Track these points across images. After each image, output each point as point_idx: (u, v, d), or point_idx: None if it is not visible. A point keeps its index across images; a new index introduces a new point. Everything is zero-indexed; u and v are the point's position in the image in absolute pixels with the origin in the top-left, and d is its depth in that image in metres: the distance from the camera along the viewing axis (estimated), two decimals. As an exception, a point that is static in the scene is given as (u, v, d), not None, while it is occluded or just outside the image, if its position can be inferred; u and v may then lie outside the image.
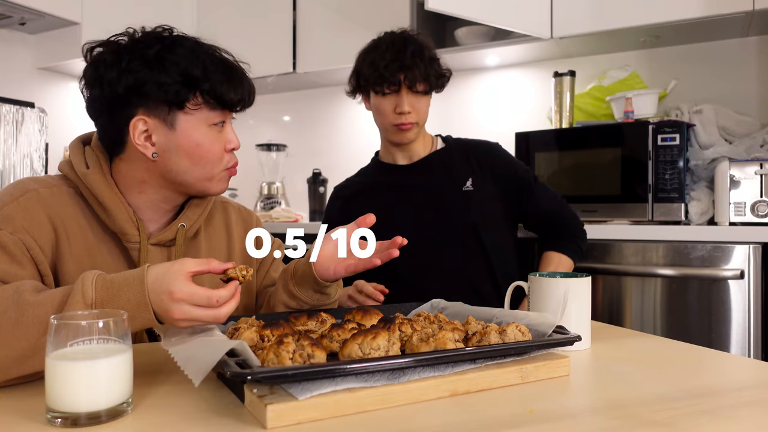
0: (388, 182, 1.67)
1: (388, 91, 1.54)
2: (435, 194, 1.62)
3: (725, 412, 0.66)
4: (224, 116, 1.02)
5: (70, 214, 0.98)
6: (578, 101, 2.59)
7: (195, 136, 0.98)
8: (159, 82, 0.94)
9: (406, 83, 1.53)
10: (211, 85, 0.97)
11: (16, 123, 2.64)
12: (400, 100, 1.55)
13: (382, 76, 1.52)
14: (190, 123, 0.98)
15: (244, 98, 1.03)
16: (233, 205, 1.24)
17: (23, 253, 0.89)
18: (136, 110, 0.96)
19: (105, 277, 0.78)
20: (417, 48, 1.54)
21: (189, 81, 0.95)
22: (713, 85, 2.47)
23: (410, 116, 1.56)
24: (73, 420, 0.61)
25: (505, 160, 1.70)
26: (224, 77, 0.99)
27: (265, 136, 3.50)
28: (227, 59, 1.04)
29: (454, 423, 0.62)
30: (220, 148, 1.02)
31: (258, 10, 3.13)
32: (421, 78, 1.53)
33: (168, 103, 0.95)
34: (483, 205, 1.61)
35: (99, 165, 1.00)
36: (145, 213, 1.04)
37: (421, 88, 1.55)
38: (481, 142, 1.73)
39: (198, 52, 0.98)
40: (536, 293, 0.97)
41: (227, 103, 1.00)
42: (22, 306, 0.74)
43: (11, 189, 0.96)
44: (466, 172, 1.64)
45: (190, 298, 0.75)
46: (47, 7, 2.59)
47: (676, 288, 1.92)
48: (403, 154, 1.68)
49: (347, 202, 1.70)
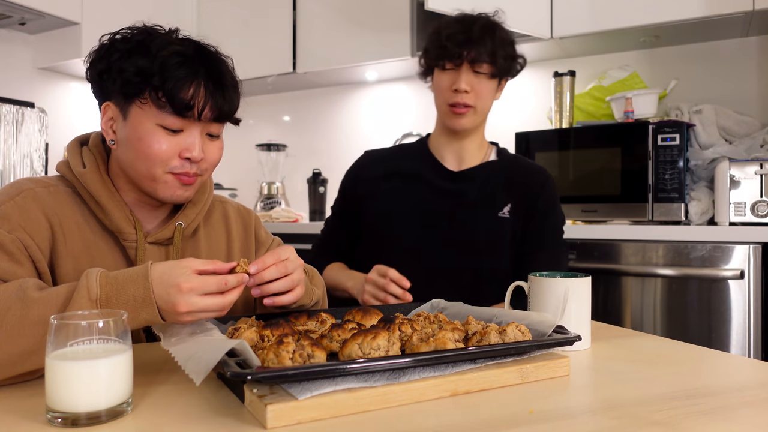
0: (426, 180, 1.50)
1: (448, 66, 1.40)
2: (469, 211, 1.46)
3: (725, 412, 0.66)
4: (181, 124, 0.96)
5: (68, 213, 0.98)
6: (578, 101, 2.59)
7: (139, 130, 0.96)
8: (120, 70, 0.94)
9: (468, 59, 1.37)
10: (161, 82, 0.93)
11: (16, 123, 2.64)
12: (458, 76, 1.39)
13: (444, 47, 1.38)
14: (139, 117, 0.96)
15: (201, 105, 0.96)
16: (231, 204, 1.24)
17: (21, 252, 0.89)
18: (108, 97, 0.99)
19: (109, 274, 0.79)
20: (487, 24, 1.40)
21: (142, 74, 0.93)
22: (713, 85, 2.47)
23: (467, 97, 1.40)
24: (73, 420, 0.61)
25: (549, 200, 1.49)
26: (179, 77, 0.94)
27: (265, 136, 3.50)
28: (211, 65, 0.98)
29: (454, 423, 0.62)
30: (170, 150, 0.96)
31: (258, 10, 3.14)
32: (487, 56, 1.37)
33: (123, 93, 0.96)
34: (509, 234, 1.45)
35: (96, 164, 1.01)
36: (140, 211, 1.04)
37: (484, 69, 1.39)
38: (534, 170, 1.54)
39: (166, 49, 0.95)
40: (536, 293, 0.97)
41: (176, 104, 0.94)
42: (26, 303, 0.75)
43: (8, 188, 0.97)
44: (509, 196, 1.47)
45: (201, 286, 0.77)
46: (47, 7, 2.59)
47: (676, 288, 1.92)
48: (453, 153, 1.51)
49: (375, 180, 1.53)
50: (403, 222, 1.46)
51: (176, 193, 1.00)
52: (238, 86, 1.04)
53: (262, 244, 1.23)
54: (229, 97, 1.00)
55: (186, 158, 0.98)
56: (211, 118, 0.99)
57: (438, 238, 1.44)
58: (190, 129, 0.98)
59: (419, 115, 3.15)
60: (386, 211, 1.48)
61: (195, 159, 0.98)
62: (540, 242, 1.46)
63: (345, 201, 1.57)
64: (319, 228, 1.66)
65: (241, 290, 0.82)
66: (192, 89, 0.95)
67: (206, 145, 1.01)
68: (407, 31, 2.76)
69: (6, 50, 2.83)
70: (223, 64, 1.02)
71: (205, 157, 1.00)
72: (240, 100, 1.04)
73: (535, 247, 1.45)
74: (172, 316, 0.78)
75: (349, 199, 1.56)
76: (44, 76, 2.98)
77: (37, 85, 2.95)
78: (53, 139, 2.92)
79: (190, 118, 0.96)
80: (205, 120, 0.98)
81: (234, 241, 1.18)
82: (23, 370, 0.74)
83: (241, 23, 3.18)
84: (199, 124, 0.98)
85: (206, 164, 1.02)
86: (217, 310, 0.79)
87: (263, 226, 1.28)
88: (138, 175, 0.99)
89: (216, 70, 0.99)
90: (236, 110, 1.04)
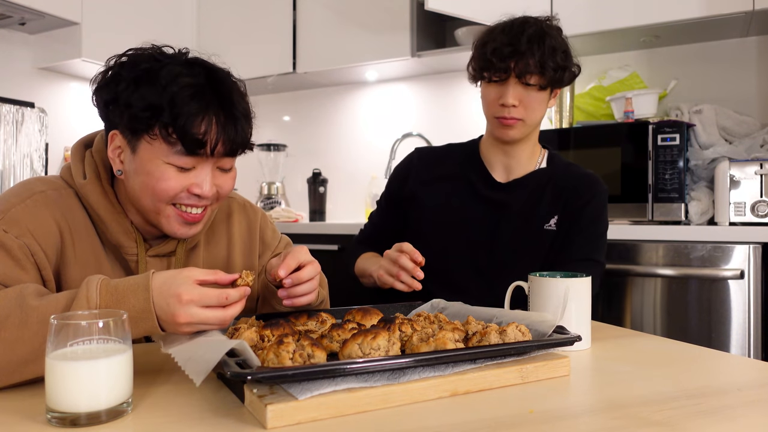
0: (473, 188, 1.44)
1: (495, 79, 1.33)
2: (513, 224, 1.39)
3: (725, 412, 0.66)
4: (193, 162, 0.92)
5: (78, 219, 0.96)
6: (578, 101, 2.59)
7: (148, 167, 0.91)
8: (127, 104, 0.90)
9: (516, 72, 1.30)
10: (172, 118, 0.88)
11: (16, 123, 2.64)
12: (505, 90, 1.32)
13: (490, 61, 1.31)
14: (147, 153, 0.91)
15: (213, 142, 0.91)
16: (238, 200, 1.20)
17: (27, 258, 0.88)
18: (115, 126, 0.94)
19: (110, 283, 0.77)
20: (537, 33, 1.30)
21: (151, 109, 0.89)
22: (713, 85, 2.47)
23: (515, 111, 1.33)
24: (73, 420, 0.61)
25: (597, 210, 1.41)
26: (191, 113, 0.88)
27: (265, 136, 3.50)
28: (223, 94, 0.93)
29: (454, 423, 0.62)
30: (177, 187, 0.92)
31: (258, 10, 3.14)
32: (536, 68, 1.29)
33: (130, 128, 0.91)
34: (552, 247, 1.39)
35: (96, 175, 0.98)
36: (144, 226, 1.02)
37: (533, 81, 1.31)
38: (585, 178, 1.44)
39: (178, 81, 0.90)
40: (536, 293, 0.97)
41: (188, 142, 0.89)
42: (25, 310, 0.74)
43: (19, 189, 0.95)
44: (556, 207, 1.40)
45: (201, 299, 0.75)
46: (47, 7, 2.59)
47: (676, 288, 1.92)
48: (501, 161, 1.44)
49: (423, 182, 1.49)
50: (445, 229, 1.43)
51: (180, 231, 0.96)
52: (250, 115, 0.98)
53: (267, 246, 1.19)
54: (242, 129, 0.95)
55: (195, 194, 0.94)
56: (223, 153, 0.94)
57: (479, 249, 1.39)
58: (202, 166, 0.94)
59: (419, 115, 3.15)
60: (429, 216, 1.45)
61: (205, 195, 0.94)
62: (571, 252, 1.38)
63: (391, 199, 1.54)
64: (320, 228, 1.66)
65: (243, 305, 0.80)
66: (204, 125, 0.90)
67: (218, 179, 0.96)
68: (407, 31, 2.76)
69: (6, 50, 2.83)
70: (235, 92, 0.96)
71: (218, 191, 0.97)
72: (252, 128, 0.99)
73: (567, 257, 1.37)
74: (172, 327, 0.76)
75: (395, 197, 1.53)
76: (44, 76, 2.98)
77: (37, 85, 2.95)
78: (53, 139, 2.92)
79: (202, 156, 0.92)
80: (218, 156, 0.94)
81: (235, 244, 1.14)
82: (22, 379, 0.74)
83: (241, 23, 3.18)
84: (211, 160, 0.94)
85: (217, 196, 0.98)
86: (217, 323, 0.77)
87: (271, 225, 1.23)
88: (143, 208, 0.96)
89: (228, 100, 0.93)
90: (249, 141, 0.98)
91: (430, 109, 3.12)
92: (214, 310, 0.76)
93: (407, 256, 1.16)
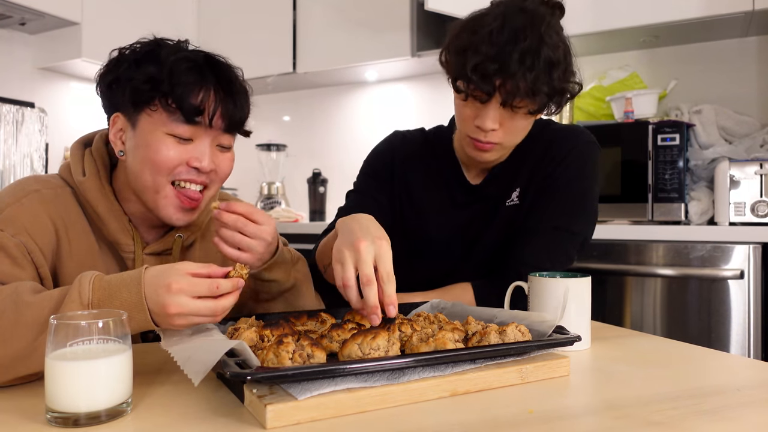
0: (447, 185, 1.29)
1: (475, 94, 1.07)
2: (482, 223, 1.26)
3: (725, 412, 0.66)
4: (191, 132, 0.94)
5: (73, 217, 0.97)
6: (578, 101, 2.59)
7: (148, 138, 0.94)
8: (129, 78, 0.94)
9: (501, 94, 1.05)
10: (170, 88, 0.91)
11: (16, 123, 2.64)
12: (484, 111, 1.08)
13: (467, 76, 1.05)
14: (148, 125, 0.94)
15: (211, 111, 0.94)
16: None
17: (24, 256, 0.88)
18: (117, 107, 0.98)
19: (103, 278, 0.78)
20: (532, 45, 1.02)
21: (151, 81, 0.92)
22: (713, 85, 2.47)
23: (493, 135, 1.10)
24: (72, 420, 0.61)
25: (576, 168, 1.21)
26: (189, 82, 0.92)
27: (265, 136, 3.50)
28: (221, 72, 0.96)
29: (454, 423, 0.62)
30: (177, 158, 0.94)
31: (258, 10, 3.14)
32: (526, 92, 1.03)
33: (132, 102, 0.94)
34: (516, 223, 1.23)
35: (96, 172, 0.99)
36: (141, 222, 1.03)
37: (521, 105, 1.06)
38: (560, 132, 1.25)
39: (175, 56, 0.94)
40: (536, 293, 0.97)
41: (186, 109, 0.92)
42: (20, 306, 0.74)
43: (14, 188, 0.95)
44: (521, 177, 1.23)
45: (191, 288, 0.74)
46: (47, 7, 2.59)
47: (676, 288, 1.92)
48: (477, 165, 1.26)
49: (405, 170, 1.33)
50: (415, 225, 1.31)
51: (175, 216, 0.97)
52: (248, 94, 1.01)
53: None
54: (240, 105, 0.97)
55: (194, 167, 0.95)
56: (223, 127, 0.97)
57: (447, 247, 1.29)
58: (201, 138, 0.96)
59: (419, 115, 3.15)
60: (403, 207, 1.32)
61: (204, 169, 0.96)
62: (532, 222, 1.20)
63: (377, 179, 1.34)
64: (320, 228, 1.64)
65: (237, 297, 0.79)
66: (202, 94, 0.93)
67: (217, 157, 0.99)
68: (407, 31, 2.76)
69: (6, 50, 2.83)
70: (232, 72, 1.00)
71: (216, 169, 0.98)
72: (250, 109, 1.02)
73: (527, 227, 1.20)
74: (164, 319, 0.75)
75: (381, 177, 1.33)
76: (44, 76, 2.98)
77: (37, 85, 2.95)
78: (53, 139, 2.92)
79: (201, 125, 0.94)
80: (216, 128, 0.96)
81: None
82: (16, 375, 0.73)
83: (241, 24, 3.18)
84: (210, 133, 0.96)
85: (216, 176, 0.99)
86: (209, 314, 0.76)
87: None
88: (143, 186, 0.96)
89: (226, 78, 0.97)
90: (247, 119, 1.01)
91: (430, 109, 3.12)
92: (204, 301, 0.75)
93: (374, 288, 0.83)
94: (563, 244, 1.19)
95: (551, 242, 1.19)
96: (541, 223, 1.19)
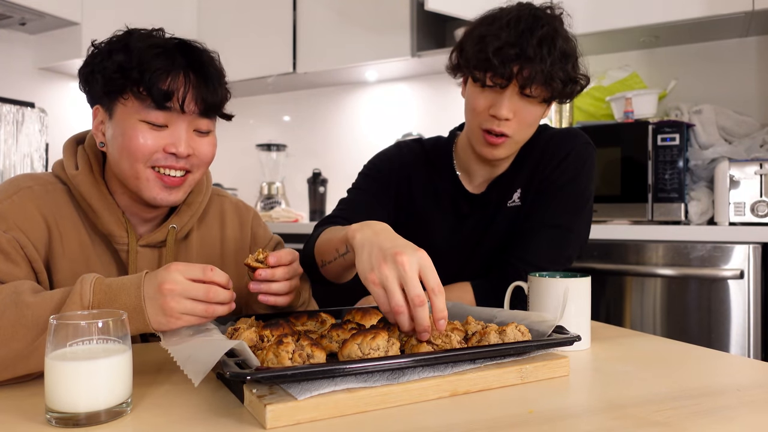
0: (447, 198, 1.30)
1: (490, 83, 1.10)
2: (482, 233, 1.27)
3: (725, 412, 0.66)
4: (165, 118, 0.94)
5: (64, 213, 0.98)
6: (578, 101, 2.59)
7: (123, 126, 0.94)
8: (101, 68, 0.94)
9: (519, 80, 1.09)
10: (140, 75, 0.91)
11: (16, 123, 2.64)
12: (500, 99, 1.11)
13: (488, 60, 1.08)
14: (122, 114, 0.94)
15: (182, 96, 0.93)
16: (231, 199, 1.21)
17: (17, 252, 0.89)
18: (96, 100, 0.99)
19: (104, 281, 0.79)
20: (548, 34, 1.08)
21: (120, 69, 0.92)
22: (713, 85, 2.47)
23: (507, 125, 1.13)
24: (72, 420, 0.61)
25: (573, 169, 1.23)
26: (157, 68, 0.91)
27: (265, 136, 3.50)
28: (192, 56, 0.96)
29: (454, 423, 0.62)
30: (153, 145, 0.94)
31: (258, 10, 3.14)
32: (542, 78, 1.08)
33: (105, 92, 0.95)
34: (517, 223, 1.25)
35: (89, 166, 1.00)
36: (134, 214, 1.03)
37: (536, 92, 1.10)
38: (557, 136, 1.26)
39: (144, 43, 0.94)
40: (536, 293, 0.97)
41: (155, 95, 0.91)
42: (20, 307, 0.74)
43: (5, 186, 0.96)
44: (521, 179, 1.25)
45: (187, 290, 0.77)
46: (47, 7, 2.59)
47: (676, 288, 1.92)
48: (481, 175, 1.27)
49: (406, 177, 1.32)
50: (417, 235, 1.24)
51: (159, 195, 0.97)
52: (223, 77, 1.00)
53: (258, 245, 1.20)
54: (213, 88, 0.97)
55: (171, 153, 0.95)
56: (197, 112, 0.96)
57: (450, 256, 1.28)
58: (176, 124, 0.96)
59: (419, 115, 3.15)
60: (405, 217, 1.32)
61: (180, 155, 0.95)
62: (534, 220, 1.21)
63: (378, 182, 1.33)
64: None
65: (232, 307, 0.81)
66: (170, 79, 0.93)
67: (195, 142, 0.98)
68: (407, 31, 2.76)
69: (6, 50, 2.83)
70: (205, 56, 0.99)
71: (195, 153, 0.98)
72: (228, 93, 1.01)
73: (528, 226, 1.22)
74: (163, 318, 0.76)
75: (383, 182, 1.32)
76: (44, 76, 2.98)
77: (37, 85, 2.95)
78: (53, 139, 2.92)
79: (173, 111, 0.94)
80: (191, 113, 0.96)
81: (228, 240, 1.16)
82: (15, 374, 0.74)
83: (241, 23, 3.18)
84: (185, 118, 0.96)
85: (197, 160, 0.99)
86: (203, 315, 0.77)
87: (263, 225, 1.24)
88: (123, 174, 0.97)
89: (197, 61, 0.96)
90: (223, 103, 1.00)
91: (430, 109, 3.12)
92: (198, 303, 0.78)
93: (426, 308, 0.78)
94: (563, 244, 1.21)
95: (551, 242, 1.20)
96: (541, 224, 1.21)
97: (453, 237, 1.29)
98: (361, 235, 0.83)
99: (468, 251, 1.29)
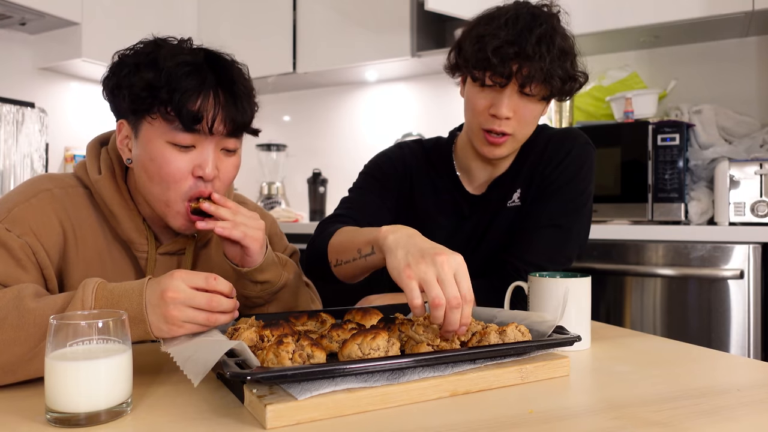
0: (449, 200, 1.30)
1: (489, 83, 1.11)
2: (483, 234, 1.28)
3: (725, 412, 0.66)
4: (192, 139, 0.91)
5: (83, 217, 0.96)
6: (578, 101, 2.59)
7: (150, 149, 0.91)
8: (129, 85, 0.90)
9: (518, 78, 1.09)
10: (169, 95, 0.88)
11: (16, 123, 2.64)
12: (500, 98, 1.12)
13: (487, 59, 1.08)
14: (149, 134, 0.91)
15: (211, 118, 0.90)
16: (249, 206, 1.19)
17: (28, 257, 0.88)
18: (121, 114, 0.96)
19: (106, 286, 0.78)
20: (547, 32, 1.09)
21: (149, 88, 0.89)
22: (713, 85, 2.47)
23: (507, 124, 1.13)
24: (72, 420, 0.61)
25: (573, 169, 1.23)
26: (188, 88, 0.88)
27: (265, 136, 3.50)
28: (222, 72, 0.93)
29: (454, 423, 0.62)
30: (183, 168, 0.91)
31: (258, 10, 3.14)
32: (542, 76, 1.09)
33: (132, 110, 0.91)
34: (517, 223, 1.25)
35: (111, 170, 0.98)
36: (155, 223, 1.01)
37: (535, 91, 1.11)
38: (556, 136, 1.27)
39: (174, 60, 0.90)
40: (536, 293, 0.97)
41: (184, 117, 0.88)
42: (22, 312, 0.74)
43: (25, 187, 0.95)
44: (521, 179, 1.25)
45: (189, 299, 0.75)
46: (47, 7, 2.59)
47: (676, 288, 1.92)
48: (481, 176, 1.28)
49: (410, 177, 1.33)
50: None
51: (184, 226, 0.96)
52: (252, 94, 0.97)
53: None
54: (242, 107, 0.93)
55: (198, 177, 0.92)
56: (225, 132, 0.93)
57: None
58: (203, 144, 0.92)
59: (419, 115, 3.15)
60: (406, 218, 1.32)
61: (207, 177, 0.92)
62: (534, 221, 1.21)
63: (381, 181, 1.33)
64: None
65: (235, 315, 0.80)
66: (200, 100, 0.89)
67: (221, 162, 0.95)
68: (407, 31, 2.76)
69: (6, 50, 2.83)
70: (235, 72, 0.96)
71: (219, 176, 0.94)
72: (255, 109, 0.98)
73: (528, 226, 1.21)
74: (165, 326, 0.75)
75: (385, 182, 1.32)
76: (44, 76, 2.98)
77: (37, 85, 2.95)
78: (53, 139, 2.92)
79: (201, 133, 0.91)
80: (218, 134, 0.92)
81: None
82: (16, 379, 0.74)
83: (241, 24, 3.18)
84: (213, 138, 0.92)
85: (219, 183, 0.95)
86: (205, 324, 0.76)
87: (279, 232, 1.23)
88: (152, 198, 0.94)
89: (227, 79, 0.93)
90: (251, 120, 0.97)
91: (430, 109, 3.12)
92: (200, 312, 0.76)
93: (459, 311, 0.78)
94: (563, 244, 1.21)
95: (551, 242, 1.20)
96: (541, 223, 1.21)
97: (453, 238, 1.29)
98: (394, 237, 0.85)
99: (468, 252, 1.29)
